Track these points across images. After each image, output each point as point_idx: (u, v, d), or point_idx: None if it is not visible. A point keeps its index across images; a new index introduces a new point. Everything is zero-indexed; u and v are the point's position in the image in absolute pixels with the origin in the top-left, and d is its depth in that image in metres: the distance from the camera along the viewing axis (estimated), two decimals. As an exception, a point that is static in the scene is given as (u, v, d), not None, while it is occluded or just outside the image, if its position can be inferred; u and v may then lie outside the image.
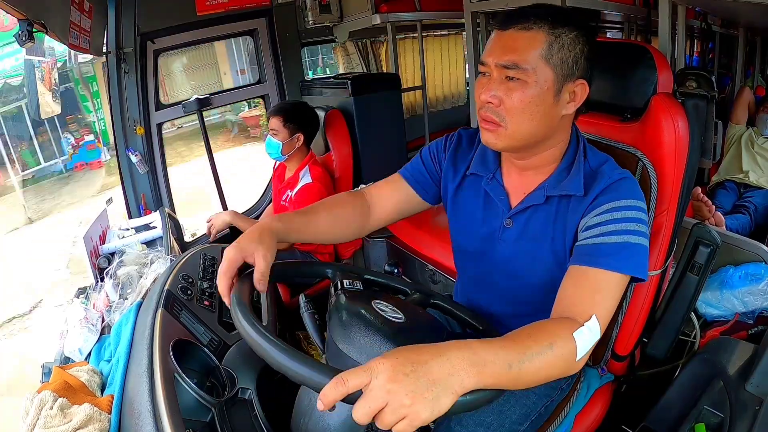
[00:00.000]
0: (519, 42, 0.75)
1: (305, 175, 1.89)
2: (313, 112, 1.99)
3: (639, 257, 0.75)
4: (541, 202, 0.85)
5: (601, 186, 0.80)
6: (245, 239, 0.74)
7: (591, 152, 0.86)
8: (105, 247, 1.64)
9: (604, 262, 0.73)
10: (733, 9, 2.55)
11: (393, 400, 0.50)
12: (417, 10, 2.56)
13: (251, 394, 0.80)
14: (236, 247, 0.72)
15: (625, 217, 0.76)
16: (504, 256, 0.90)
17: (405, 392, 0.50)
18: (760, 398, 0.88)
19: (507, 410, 0.90)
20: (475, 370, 0.55)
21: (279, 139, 1.85)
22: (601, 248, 0.75)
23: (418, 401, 0.50)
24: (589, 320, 0.67)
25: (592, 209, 0.79)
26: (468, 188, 0.95)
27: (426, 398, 0.51)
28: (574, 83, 0.78)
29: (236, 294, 0.68)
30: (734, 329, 1.29)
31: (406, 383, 0.50)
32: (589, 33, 0.78)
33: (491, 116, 0.79)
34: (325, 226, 0.89)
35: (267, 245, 0.73)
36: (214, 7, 2.25)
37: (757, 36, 3.54)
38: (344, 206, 0.94)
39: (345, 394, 0.51)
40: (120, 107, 2.11)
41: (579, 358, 0.65)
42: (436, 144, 1.00)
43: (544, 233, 0.85)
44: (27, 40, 1.32)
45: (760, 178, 2.35)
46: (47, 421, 0.76)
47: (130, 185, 2.19)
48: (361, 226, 0.95)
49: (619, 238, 0.74)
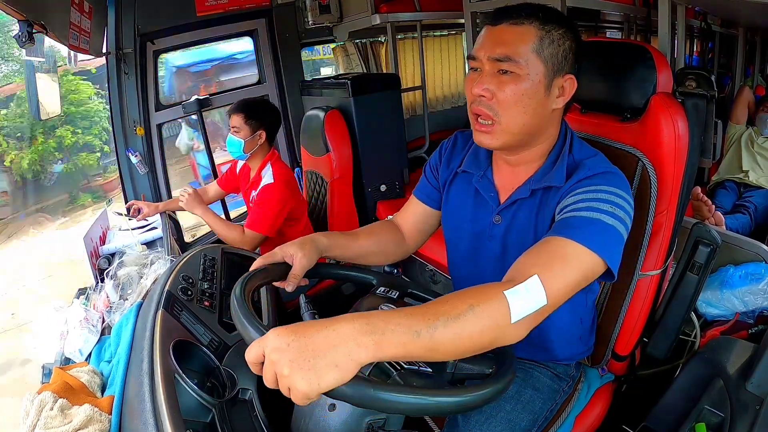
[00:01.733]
0: (511, 36, 0.76)
1: (267, 173, 1.83)
2: (274, 108, 1.94)
3: (607, 237, 0.69)
4: (526, 196, 0.85)
5: (581, 176, 0.79)
6: (290, 243, 0.83)
7: (580, 146, 0.86)
8: (105, 248, 1.64)
9: (567, 232, 0.69)
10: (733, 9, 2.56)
11: (277, 369, 0.51)
12: (417, 10, 2.56)
13: (252, 394, 0.80)
14: (280, 247, 0.82)
15: (600, 198, 0.73)
16: (494, 253, 0.91)
17: (284, 362, 0.51)
18: (761, 398, 0.88)
19: (515, 418, 0.89)
20: (369, 339, 0.52)
21: (241, 136, 1.79)
22: (568, 221, 0.72)
23: (295, 371, 0.50)
24: (529, 279, 0.61)
25: (568, 193, 0.78)
26: (458, 185, 0.96)
27: (303, 369, 0.50)
28: (563, 78, 0.79)
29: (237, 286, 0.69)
30: (734, 329, 1.29)
31: (286, 353, 0.51)
32: (576, 31, 0.80)
33: (484, 110, 0.79)
34: (365, 248, 0.96)
35: (306, 253, 0.81)
36: (213, 8, 2.25)
37: (756, 35, 3.54)
38: (383, 232, 1.01)
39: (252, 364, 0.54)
40: (120, 108, 2.11)
41: (515, 320, 0.59)
42: (434, 155, 1.02)
43: (528, 226, 0.86)
44: (27, 41, 1.32)
45: (760, 177, 2.35)
46: (47, 422, 0.76)
47: (130, 186, 2.20)
48: (399, 248, 1.02)
49: (590, 214, 0.71)
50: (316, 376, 0.50)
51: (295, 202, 1.86)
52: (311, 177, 2.32)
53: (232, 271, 1.12)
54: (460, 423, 0.88)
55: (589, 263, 0.68)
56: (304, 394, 0.50)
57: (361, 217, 2.25)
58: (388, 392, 0.53)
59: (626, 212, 0.74)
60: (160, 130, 2.27)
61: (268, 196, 1.78)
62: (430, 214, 1.02)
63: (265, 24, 2.48)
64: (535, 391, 0.94)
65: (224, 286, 1.05)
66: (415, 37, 2.92)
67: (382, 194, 2.23)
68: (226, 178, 2.05)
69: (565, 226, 0.71)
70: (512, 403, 0.91)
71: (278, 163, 1.87)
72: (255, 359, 0.54)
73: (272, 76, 2.57)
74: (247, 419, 0.76)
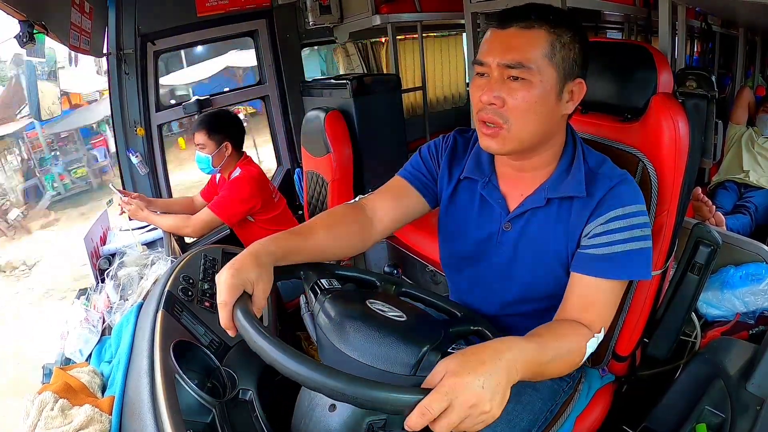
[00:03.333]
0: (522, 40, 0.74)
1: (235, 173, 1.86)
2: (235, 117, 1.95)
3: (645, 260, 0.78)
4: (541, 204, 0.84)
5: (604, 189, 0.79)
6: (244, 267, 0.67)
7: (588, 151, 0.86)
8: (105, 248, 1.64)
9: (613, 273, 0.77)
10: (733, 9, 2.56)
11: (473, 412, 0.55)
12: (417, 10, 2.56)
13: (252, 395, 0.80)
14: (235, 276, 0.65)
15: (631, 224, 0.77)
16: (502, 259, 0.90)
17: (483, 404, 0.55)
18: (761, 398, 0.88)
19: (515, 418, 0.89)
20: (522, 368, 0.60)
21: (207, 152, 1.82)
22: (611, 258, 0.77)
23: (494, 407, 0.56)
24: (600, 332, 0.75)
25: (598, 216, 0.79)
26: (462, 193, 0.94)
27: (494, 402, 0.56)
28: (573, 82, 0.78)
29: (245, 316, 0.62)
30: (735, 329, 1.28)
31: (482, 395, 0.55)
32: (584, 33, 0.79)
33: (494, 118, 0.76)
34: (324, 244, 0.81)
35: (266, 275, 0.68)
36: (214, 9, 2.25)
37: (757, 36, 3.54)
38: (344, 222, 0.86)
39: (430, 420, 0.53)
40: (120, 108, 2.11)
41: (583, 360, 0.73)
42: (435, 143, 0.97)
43: (545, 235, 0.84)
44: (27, 41, 1.32)
45: (761, 177, 2.35)
46: (48, 422, 0.76)
47: (130, 186, 2.20)
48: (363, 239, 0.88)
49: (627, 247, 0.76)
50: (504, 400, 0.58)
51: (263, 201, 1.86)
52: (311, 177, 2.32)
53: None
54: None
55: (626, 286, 0.83)
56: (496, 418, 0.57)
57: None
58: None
59: (648, 223, 0.80)
60: (161, 130, 2.27)
61: (235, 185, 1.80)
62: (418, 202, 0.94)
63: (265, 24, 2.48)
64: (535, 391, 0.94)
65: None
66: (415, 38, 2.92)
67: (382, 194, 2.22)
68: (208, 189, 2.07)
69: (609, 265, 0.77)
70: (512, 403, 0.90)
71: (248, 166, 1.88)
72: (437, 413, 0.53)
73: (272, 77, 2.57)
74: (247, 419, 0.76)
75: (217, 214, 1.77)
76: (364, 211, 0.90)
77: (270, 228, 1.90)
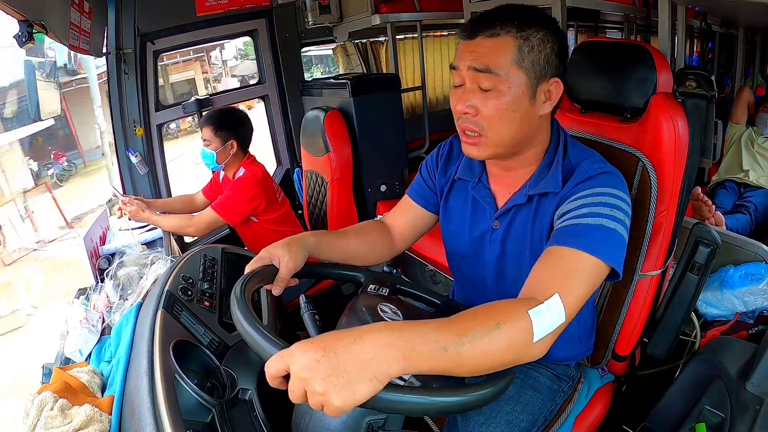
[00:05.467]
0: (487, 49, 0.75)
1: (240, 173, 1.86)
2: (243, 116, 1.94)
3: (612, 242, 0.71)
4: (523, 201, 0.85)
5: (579, 179, 0.79)
6: (277, 244, 0.81)
7: (574, 148, 0.85)
8: (105, 248, 1.64)
9: (574, 242, 0.70)
10: (733, 9, 2.56)
11: (308, 387, 0.51)
12: (417, 10, 2.56)
13: (252, 394, 0.80)
14: (267, 250, 0.80)
15: (600, 201, 0.74)
16: (493, 257, 0.91)
17: (316, 380, 0.50)
18: (761, 398, 0.88)
19: (515, 419, 0.90)
20: (398, 353, 0.52)
21: (212, 148, 1.82)
22: (573, 229, 0.72)
23: (329, 389, 0.50)
24: (550, 298, 0.63)
25: (567, 198, 0.78)
26: (456, 193, 0.96)
27: (336, 385, 0.50)
28: (547, 83, 0.78)
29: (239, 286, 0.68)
30: (735, 329, 1.28)
31: (318, 370, 0.50)
32: (557, 30, 0.78)
33: (470, 126, 0.79)
34: (354, 249, 0.94)
35: (293, 254, 0.79)
36: (213, 8, 2.25)
37: (756, 35, 3.54)
38: (372, 233, 0.99)
39: (275, 378, 0.53)
40: (120, 108, 2.11)
41: (537, 340, 0.61)
42: (431, 156, 1.02)
43: (525, 232, 0.86)
44: (27, 40, 1.32)
45: (760, 177, 2.35)
46: (48, 422, 0.76)
47: (130, 186, 2.20)
48: (387, 248, 1.00)
49: (593, 220, 0.72)
50: (351, 392, 0.50)
51: (267, 201, 1.86)
52: (311, 177, 2.32)
53: (232, 272, 1.12)
54: (459, 424, 0.88)
55: (598, 272, 0.70)
56: (339, 409, 0.51)
57: (361, 217, 2.24)
58: (391, 393, 0.53)
59: (625, 213, 0.75)
60: (160, 130, 2.27)
61: (240, 185, 1.80)
62: (423, 215, 1.01)
63: (265, 24, 2.48)
64: (535, 391, 0.94)
65: (224, 286, 1.05)
66: (415, 38, 2.92)
67: (382, 194, 2.23)
68: (210, 187, 2.07)
69: (571, 235, 0.72)
70: (512, 403, 0.91)
71: (252, 165, 1.88)
72: (276, 373, 0.53)
73: (272, 77, 2.57)
74: (247, 419, 0.76)
75: (220, 214, 1.77)
76: (386, 226, 1.02)
77: (273, 228, 1.90)
